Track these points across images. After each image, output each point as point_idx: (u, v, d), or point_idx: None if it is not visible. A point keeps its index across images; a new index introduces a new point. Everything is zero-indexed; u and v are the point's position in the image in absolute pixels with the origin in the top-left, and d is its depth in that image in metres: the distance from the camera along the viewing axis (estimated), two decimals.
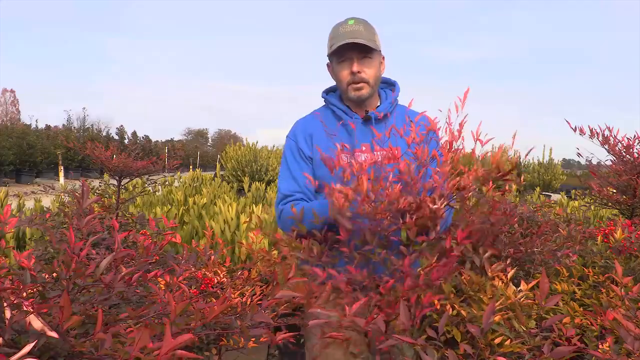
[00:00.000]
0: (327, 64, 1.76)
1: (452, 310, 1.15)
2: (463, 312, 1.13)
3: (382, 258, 1.10)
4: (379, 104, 1.76)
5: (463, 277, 1.21)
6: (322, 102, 1.82)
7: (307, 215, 1.38)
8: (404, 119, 1.66)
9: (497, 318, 1.06)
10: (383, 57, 1.74)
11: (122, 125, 38.44)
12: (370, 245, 1.10)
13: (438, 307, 1.17)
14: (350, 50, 1.63)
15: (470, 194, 1.11)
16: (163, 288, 1.25)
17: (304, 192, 1.65)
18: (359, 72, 1.64)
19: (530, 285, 1.14)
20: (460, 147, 1.14)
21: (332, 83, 1.79)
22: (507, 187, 1.20)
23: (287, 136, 1.78)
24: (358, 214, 1.10)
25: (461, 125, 1.13)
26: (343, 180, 1.13)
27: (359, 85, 1.66)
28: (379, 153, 1.59)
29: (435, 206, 1.04)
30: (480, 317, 1.11)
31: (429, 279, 0.99)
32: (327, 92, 1.81)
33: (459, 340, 1.08)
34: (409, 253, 1.06)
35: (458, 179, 1.07)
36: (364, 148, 1.67)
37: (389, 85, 1.82)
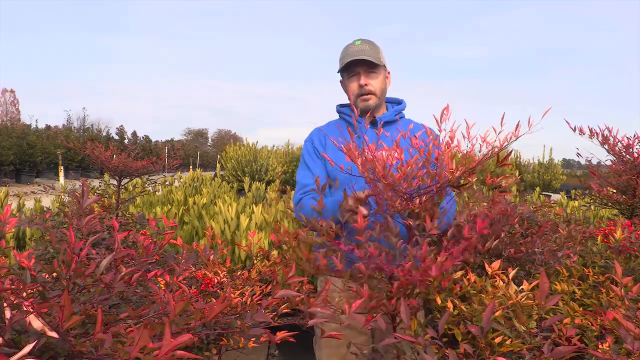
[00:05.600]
0: (340, 81, 2.02)
1: (454, 309, 1.15)
2: (464, 309, 1.14)
3: (399, 246, 1.15)
4: (385, 112, 2.01)
5: (467, 278, 1.22)
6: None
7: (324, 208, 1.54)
8: (405, 127, 1.89)
9: (498, 313, 1.07)
10: (389, 72, 2.01)
11: (122, 125, 38.42)
12: (389, 232, 1.15)
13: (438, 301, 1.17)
14: (358, 66, 1.88)
15: (475, 180, 1.17)
16: (163, 288, 1.25)
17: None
18: (366, 84, 1.89)
19: (532, 285, 1.14)
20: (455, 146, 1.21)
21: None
22: (504, 183, 1.27)
23: (305, 140, 2.07)
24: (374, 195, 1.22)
25: (452, 130, 1.22)
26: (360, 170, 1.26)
27: (366, 96, 1.92)
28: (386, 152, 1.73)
29: (456, 173, 1.09)
30: (480, 313, 1.12)
31: (451, 257, 1.01)
32: (341, 105, 2.07)
33: (459, 340, 1.08)
34: (423, 240, 1.10)
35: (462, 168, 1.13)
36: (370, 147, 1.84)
37: (397, 103, 2.08)
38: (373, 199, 1.27)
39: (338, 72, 1.98)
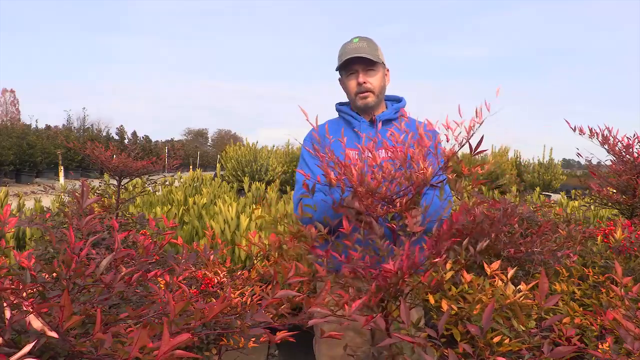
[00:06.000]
0: (339, 79, 2.00)
1: (451, 309, 1.15)
2: (454, 307, 1.14)
3: (385, 247, 1.14)
4: (385, 111, 2.00)
5: (464, 279, 1.21)
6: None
7: (321, 208, 1.55)
8: (405, 126, 1.82)
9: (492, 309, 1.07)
10: (388, 70, 1.99)
11: (122, 125, 38.44)
12: (374, 235, 1.14)
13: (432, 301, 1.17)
14: (356, 63, 1.86)
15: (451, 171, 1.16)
16: (163, 288, 1.25)
17: (323, 191, 1.78)
18: (364, 82, 1.88)
19: (530, 285, 1.14)
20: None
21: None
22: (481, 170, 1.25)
23: (304, 139, 2.05)
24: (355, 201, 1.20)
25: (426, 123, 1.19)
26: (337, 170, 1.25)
27: (365, 94, 1.90)
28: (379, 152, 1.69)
29: (424, 167, 1.07)
30: (472, 310, 1.12)
31: (431, 254, 1.01)
32: (340, 104, 2.05)
33: (458, 340, 1.08)
34: (407, 239, 1.09)
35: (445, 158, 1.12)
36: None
37: (397, 100, 2.06)
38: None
39: (336, 70, 1.96)
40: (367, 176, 1.14)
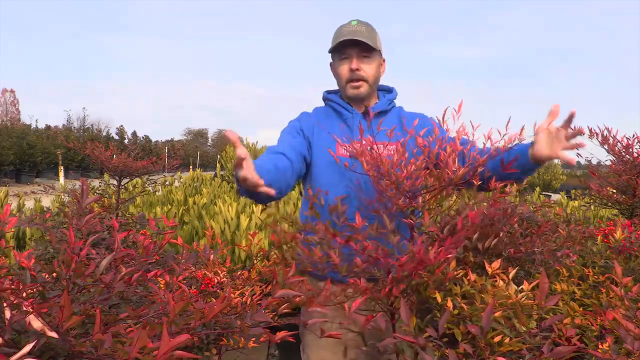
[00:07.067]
0: (330, 63, 1.81)
1: (454, 308, 1.15)
2: (464, 307, 1.14)
3: (396, 243, 1.14)
4: (377, 102, 1.82)
5: (467, 278, 1.22)
6: (321, 102, 1.91)
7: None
8: (399, 117, 1.79)
9: (497, 313, 1.07)
10: (384, 60, 1.81)
11: (122, 125, 38.48)
12: (386, 229, 1.15)
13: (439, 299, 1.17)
14: (351, 48, 1.68)
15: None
16: (163, 288, 1.25)
17: (284, 153, 1.65)
18: (357, 69, 1.68)
19: (532, 285, 1.14)
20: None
21: (333, 85, 1.87)
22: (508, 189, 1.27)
23: (291, 120, 1.84)
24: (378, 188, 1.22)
25: (459, 131, 1.23)
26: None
27: (357, 83, 1.71)
28: (383, 146, 1.65)
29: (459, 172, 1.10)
30: (480, 312, 1.12)
31: (445, 247, 1.02)
32: (329, 92, 1.87)
33: (459, 340, 1.08)
34: (419, 235, 1.11)
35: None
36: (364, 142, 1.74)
37: (387, 91, 1.88)
38: (375, 197, 1.27)
39: (329, 53, 1.76)
40: (392, 169, 1.15)
